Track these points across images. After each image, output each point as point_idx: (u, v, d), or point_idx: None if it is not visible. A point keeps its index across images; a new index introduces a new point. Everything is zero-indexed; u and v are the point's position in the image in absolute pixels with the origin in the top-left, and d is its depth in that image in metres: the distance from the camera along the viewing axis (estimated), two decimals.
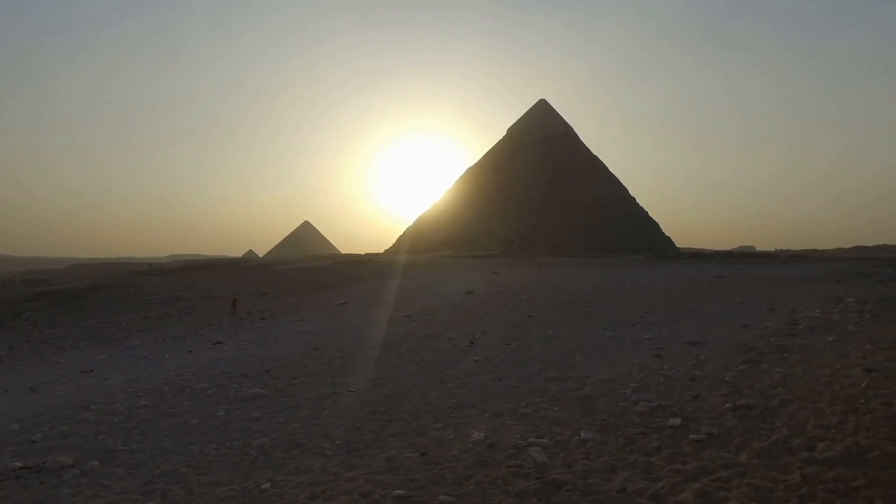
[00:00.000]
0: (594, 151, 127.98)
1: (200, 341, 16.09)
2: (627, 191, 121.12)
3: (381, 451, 6.64)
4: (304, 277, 36.88)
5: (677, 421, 6.58)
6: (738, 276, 30.85)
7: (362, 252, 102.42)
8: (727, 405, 7.05)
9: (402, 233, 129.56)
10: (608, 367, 9.80)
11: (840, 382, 7.72)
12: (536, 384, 9.12)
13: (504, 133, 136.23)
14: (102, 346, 15.94)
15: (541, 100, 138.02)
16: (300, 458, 6.65)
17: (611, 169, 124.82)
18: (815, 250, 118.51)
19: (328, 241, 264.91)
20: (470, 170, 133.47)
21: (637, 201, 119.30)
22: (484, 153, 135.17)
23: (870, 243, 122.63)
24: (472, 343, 13.05)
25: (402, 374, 10.73)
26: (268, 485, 5.86)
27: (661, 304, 18.99)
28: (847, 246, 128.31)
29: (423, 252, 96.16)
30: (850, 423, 6.15)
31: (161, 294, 27.08)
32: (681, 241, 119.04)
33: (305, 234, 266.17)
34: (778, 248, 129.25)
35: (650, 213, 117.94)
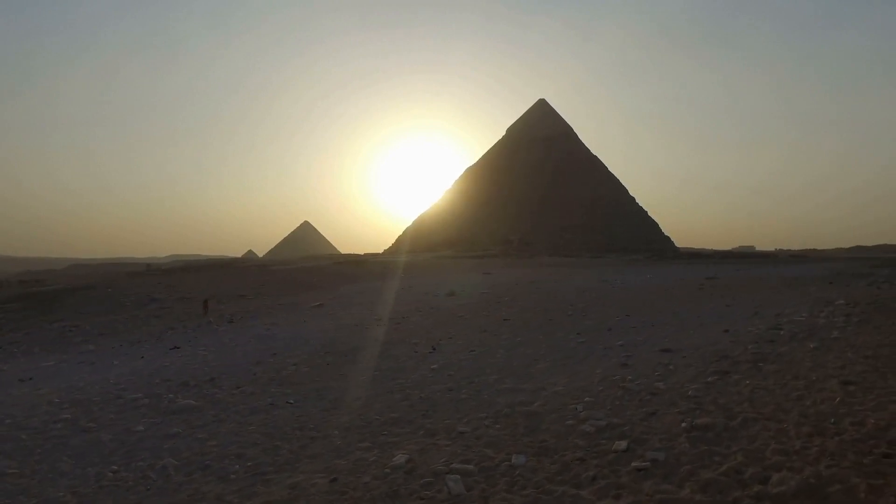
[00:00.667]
0: (594, 151, 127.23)
1: (159, 346, 15.40)
2: (627, 191, 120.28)
3: (290, 476, 5.93)
4: (293, 278, 36.21)
5: (623, 444, 5.85)
6: (732, 278, 30.09)
7: (362, 252, 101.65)
8: (683, 425, 6.31)
9: (401, 233, 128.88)
10: (568, 378, 9.07)
11: (812, 397, 6.98)
12: (486, 397, 8.39)
13: (504, 133, 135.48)
14: (55, 352, 15.25)
15: (540, 100, 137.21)
16: (200, 483, 5.94)
17: (611, 169, 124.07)
18: (814, 250, 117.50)
19: (328, 241, 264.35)
20: (469, 170, 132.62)
21: (636, 201, 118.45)
22: (483, 153, 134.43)
23: (870, 243, 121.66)
24: (434, 349, 12.33)
25: (351, 383, 10.02)
26: None
27: (645, 306, 18.27)
28: (847, 246, 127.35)
29: (422, 252, 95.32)
30: (815, 447, 5.42)
31: (137, 296, 26.40)
32: (681, 241, 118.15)
33: (305, 234, 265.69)
34: (778, 248, 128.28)
35: (650, 213, 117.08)
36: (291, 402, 9.06)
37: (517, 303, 20.34)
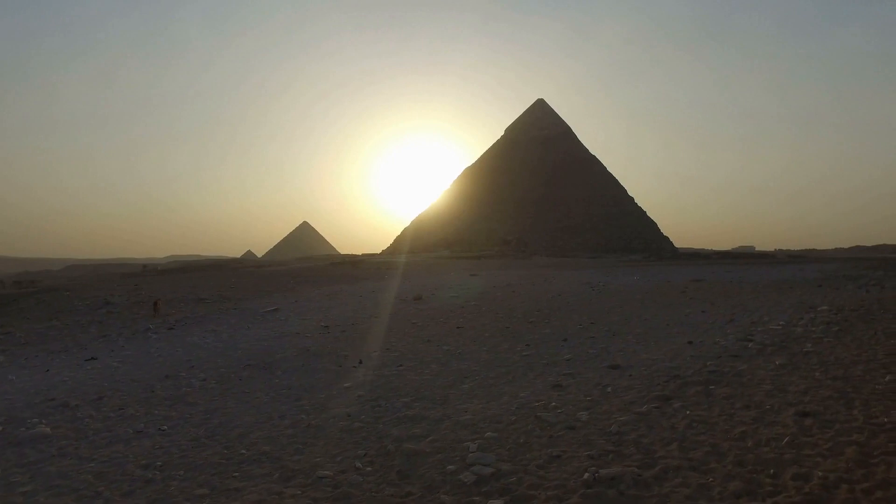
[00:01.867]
0: (593, 151, 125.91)
1: (78, 355, 14.12)
2: (626, 190, 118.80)
3: None
4: (271, 280, 34.98)
5: None
6: (718, 280, 28.71)
7: (360, 252, 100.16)
8: (585, 476, 5.01)
9: (400, 233, 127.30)
10: (484, 403, 7.76)
11: (758, 435, 5.67)
12: (381, 426, 7.09)
13: (502, 133, 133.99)
14: None
15: (539, 99, 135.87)
16: None
17: (610, 169, 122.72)
18: (814, 250, 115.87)
19: (327, 242, 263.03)
20: (468, 170, 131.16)
21: (635, 201, 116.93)
22: (482, 153, 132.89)
23: (870, 243, 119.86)
24: (361, 363, 11.02)
25: (248, 404, 8.73)
26: None
27: (614, 312, 16.93)
28: (847, 246, 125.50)
29: (420, 252, 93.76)
30: None
31: (93, 299, 25.15)
32: (681, 241, 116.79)
33: (304, 234, 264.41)
34: (777, 249, 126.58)
35: (649, 213, 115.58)
36: (164, 428, 7.76)
37: (481, 308, 19.02)
